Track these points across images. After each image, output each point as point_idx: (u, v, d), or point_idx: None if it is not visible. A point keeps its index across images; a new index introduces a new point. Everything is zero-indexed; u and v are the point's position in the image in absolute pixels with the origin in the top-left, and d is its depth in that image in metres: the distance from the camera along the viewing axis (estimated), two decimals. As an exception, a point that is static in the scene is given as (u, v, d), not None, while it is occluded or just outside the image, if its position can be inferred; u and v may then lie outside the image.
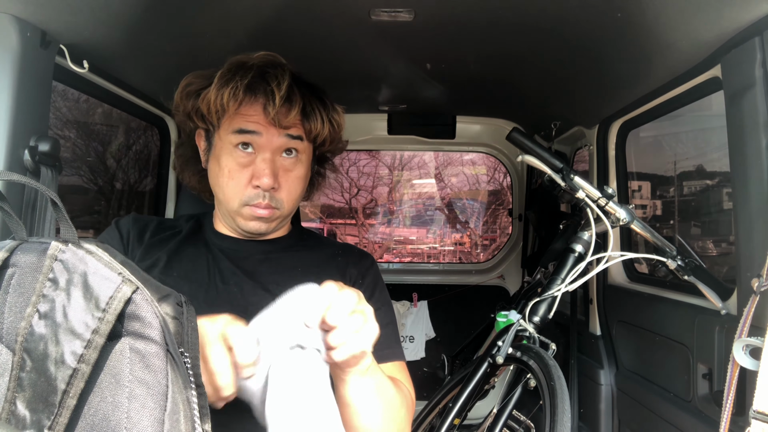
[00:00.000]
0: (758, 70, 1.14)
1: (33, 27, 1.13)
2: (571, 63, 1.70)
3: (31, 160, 1.12)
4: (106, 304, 0.53)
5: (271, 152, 1.01)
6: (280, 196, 1.03)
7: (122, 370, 0.53)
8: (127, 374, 0.53)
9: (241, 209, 1.02)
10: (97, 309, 0.53)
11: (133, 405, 0.52)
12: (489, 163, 4.99)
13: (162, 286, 0.61)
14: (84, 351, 0.52)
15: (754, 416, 0.98)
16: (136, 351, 0.54)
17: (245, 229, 1.05)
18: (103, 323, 0.52)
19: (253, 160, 1.01)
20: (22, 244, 0.57)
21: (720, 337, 1.34)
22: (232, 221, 1.07)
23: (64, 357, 0.51)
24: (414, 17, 1.41)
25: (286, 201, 1.04)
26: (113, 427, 0.51)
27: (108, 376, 0.53)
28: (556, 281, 1.62)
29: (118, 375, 0.53)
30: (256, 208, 1.02)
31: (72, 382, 0.51)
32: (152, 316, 0.55)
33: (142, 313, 0.54)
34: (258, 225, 1.04)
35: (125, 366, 0.53)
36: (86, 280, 0.53)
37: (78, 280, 0.54)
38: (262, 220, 1.03)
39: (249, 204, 1.01)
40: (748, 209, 1.19)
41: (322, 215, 5.40)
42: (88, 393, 0.52)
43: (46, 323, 0.52)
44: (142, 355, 0.54)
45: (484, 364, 1.60)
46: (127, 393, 0.52)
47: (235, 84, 0.98)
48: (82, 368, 0.51)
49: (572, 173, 1.57)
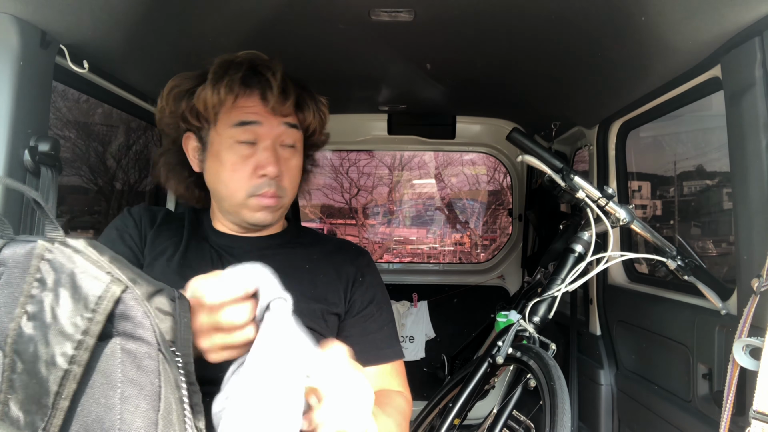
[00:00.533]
0: (758, 70, 1.14)
1: (33, 27, 1.13)
2: (571, 63, 1.70)
3: (31, 160, 1.12)
4: (95, 304, 0.52)
5: (272, 141, 1.03)
6: (284, 185, 1.05)
7: (114, 371, 0.52)
8: (119, 375, 0.52)
9: (248, 200, 1.03)
10: (86, 309, 0.52)
11: (125, 406, 0.52)
12: (489, 163, 4.98)
13: (154, 281, 0.60)
14: (74, 352, 0.51)
15: (754, 416, 0.98)
16: (128, 351, 0.53)
17: (251, 221, 1.05)
18: (93, 324, 0.52)
19: (254, 152, 1.02)
20: (9, 242, 0.55)
21: (720, 337, 1.34)
22: (235, 216, 1.07)
23: (55, 358, 0.51)
24: (414, 17, 1.41)
25: (289, 189, 1.06)
26: (106, 429, 0.51)
27: (100, 377, 0.52)
28: (556, 281, 1.62)
29: (109, 376, 0.52)
30: (263, 198, 1.03)
31: (64, 384, 0.51)
32: (142, 316, 0.54)
33: (132, 312, 0.54)
34: (264, 215, 1.05)
35: (117, 367, 0.52)
36: (74, 279, 0.52)
37: (66, 280, 0.52)
38: (268, 210, 1.04)
39: (256, 194, 1.02)
40: (748, 209, 1.19)
41: (322, 215, 5.40)
42: (81, 394, 0.51)
43: (34, 324, 0.51)
44: (134, 355, 0.53)
45: (484, 364, 1.60)
46: (119, 394, 0.52)
47: (230, 78, 1.00)
48: (73, 369, 0.51)
49: (572, 173, 1.57)
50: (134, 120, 2.61)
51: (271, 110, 1.01)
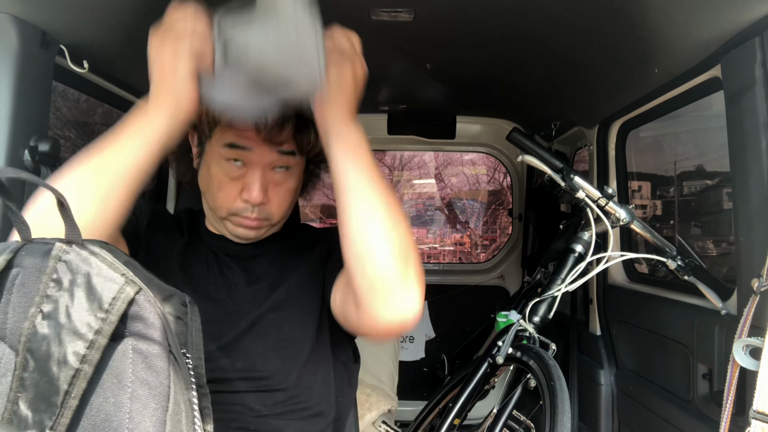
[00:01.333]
0: (758, 70, 1.14)
1: (33, 27, 1.13)
2: (571, 63, 1.70)
3: (31, 160, 1.12)
4: (109, 305, 0.53)
5: (261, 168, 0.98)
6: (270, 210, 1.02)
7: (125, 370, 0.53)
8: (130, 375, 0.53)
9: (230, 218, 1.02)
10: (100, 310, 0.53)
11: (135, 405, 0.52)
12: (489, 163, 4.98)
13: (166, 286, 0.61)
14: (86, 351, 0.52)
15: (754, 416, 0.98)
16: (139, 352, 0.54)
17: (233, 233, 1.05)
18: (106, 324, 0.53)
19: (243, 174, 0.99)
20: (27, 244, 0.57)
21: (720, 337, 1.34)
22: (220, 225, 1.07)
23: (67, 357, 0.51)
24: (414, 17, 1.41)
25: (275, 213, 1.03)
26: (115, 428, 0.52)
27: (110, 377, 0.53)
28: (556, 281, 1.62)
29: (120, 375, 0.53)
30: (245, 220, 1.01)
31: (74, 383, 0.51)
32: (155, 317, 0.55)
33: (145, 314, 0.55)
34: (246, 232, 1.04)
35: (128, 366, 0.53)
36: (90, 280, 0.54)
37: (81, 280, 0.54)
38: (250, 229, 1.03)
39: (237, 215, 1.01)
40: (748, 209, 1.19)
41: (322, 215, 5.40)
42: (91, 393, 0.52)
43: (49, 324, 0.52)
44: (145, 355, 0.54)
45: (484, 364, 1.60)
46: (129, 393, 0.52)
47: None
48: (84, 369, 0.52)
49: (572, 173, 1.57)
50: (134, 120, 2.60)
51: (264, 139, 0.96)
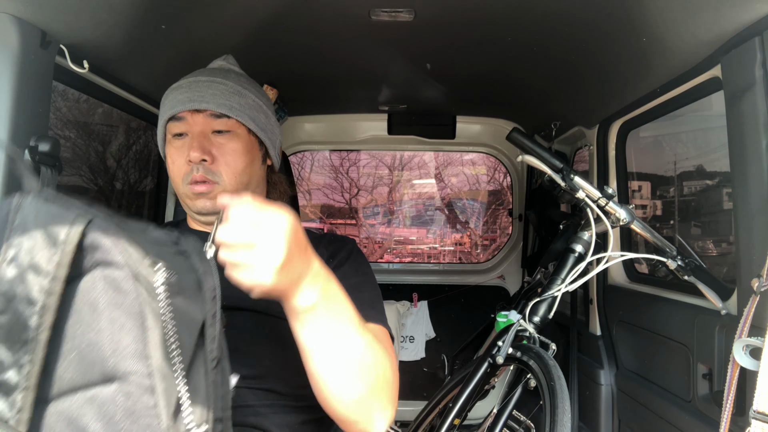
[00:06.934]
0: (758, 70, 1.14)
1: (33, 27, 1.13)
2: (571, 63, 1.70)
3: (31, 160, 1.12)
4: (64, 236, 0.56)
5: (198, 131, 1.07)
6: (217, 169, 1.07)
7: (97, 298, 0.57)
8: (102, 301, 0.57)
9: (186, 189, 1.08)
10: (55, 245, 0.56)
11: (113, 327, 0.56)
12: (489, 163, 4.98)
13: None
14: (50, 285, 0.55)
15: (754, 416, 0.98)
16: (105, 278, 0.57)
17: (194, 210, 1.10)
18: (64, 255, 0.56)
19: (186, 143, 1.08)
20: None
21: (720, 337, 1.34)
22: (187, 209, 1.13)
23: (32, 295, 0.55)
24: (414, 17, 1.41)
25: (225, 173, 1.08)
26: (99, 350, 0.55)
27: (85, 306, 0.56)
28: (556, 281, 1.62)
29: (94, 303, 0.56)
30: (195, 185, 1.06)
31: (43, 316, 0.55)
32: (109, 242, 0.58)
33: (101, 241, 0.58)
34: (203, 203, 1.08)
35: (99, 294, 0.57)
36: (46, 221, 0.57)
37: (39, 222, 0.58)
38: (203, 196, 1.07)
39: (189, 183, 1.07)
40: (748, 209, 1.19)
41: (322, 215, 5.39)
42: (68, 324, 0.56)
43: (13, 266, 0.56)
44: (112, 279, 0.57)
45: (484, 364, 1.60)
46: (106, 317, 0.56)
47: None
48: (49, 302, 0.55)
49: (572, 173, 1.57)
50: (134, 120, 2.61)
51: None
